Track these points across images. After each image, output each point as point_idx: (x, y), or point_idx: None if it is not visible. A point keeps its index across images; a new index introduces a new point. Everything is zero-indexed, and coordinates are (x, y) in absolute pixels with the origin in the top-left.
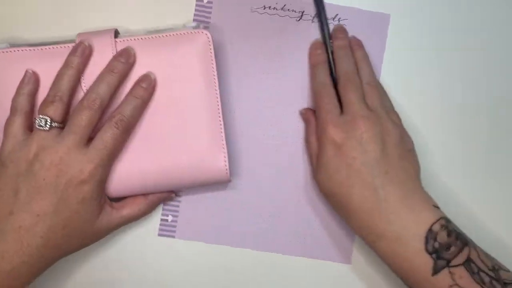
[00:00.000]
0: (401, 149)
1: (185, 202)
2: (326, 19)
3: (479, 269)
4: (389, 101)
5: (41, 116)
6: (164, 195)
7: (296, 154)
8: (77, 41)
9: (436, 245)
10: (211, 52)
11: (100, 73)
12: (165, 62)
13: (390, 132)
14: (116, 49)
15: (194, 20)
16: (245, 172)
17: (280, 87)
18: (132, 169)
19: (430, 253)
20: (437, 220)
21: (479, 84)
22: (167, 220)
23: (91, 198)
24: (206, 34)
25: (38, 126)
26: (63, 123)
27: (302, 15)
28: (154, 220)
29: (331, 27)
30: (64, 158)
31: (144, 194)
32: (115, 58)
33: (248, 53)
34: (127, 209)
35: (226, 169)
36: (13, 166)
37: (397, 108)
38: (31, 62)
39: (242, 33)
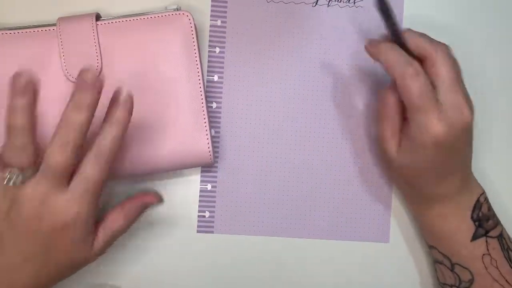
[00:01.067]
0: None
1: (221, 197)
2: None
3: (508, 247)
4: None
5: (9, 173)
6: (141, 203)
7: (317, 139)
8: (57, 26)
9: (480, 214)
10: (192, 34)
11: (65, 115)
12: (146, 44)
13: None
14: (97, 33)
15: (212, 10)
16: (271, 162)
17: (292, 72)
18: (118, 154)
19: (474, 221)
20: (482, 193)
21: None
22: (204, 216)
23: (80, 238)
24: (187, 15)
25: (8, 183)
26: (35, 164)
27: (317, 1)
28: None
29: (346, 10)
30: (44, 204)
31: (120, 204)
32: (78, 90)
33: (262, 40)
34: (107, 228)
35: (209, 152)
36: None
37: None
38: (11, 45)
39: (258, 22)
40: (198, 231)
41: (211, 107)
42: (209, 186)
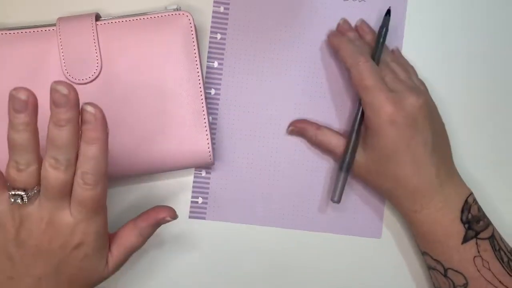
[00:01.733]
0: (441, 122)
1: (215, 184)
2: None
3: (500, 248)
4: (416, 73)
5: (14, 192)
6: (154, 219)
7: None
8: (57, 26)
9: (469, 216)
10: (192, 34)
11: (48, 135)
12: (146, 45)
13: (432, 105)
14: (97, 33)
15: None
16: (267, 151)
17: (290, 61)
18: (117, 153)
19: (463, 223)
20: (470, 194)
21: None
22: (197, 202)
23: (93, 254)
24: (187, 15)
25: (15, 203)
26: (39, 184)
27: None
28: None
29: (349, 3)
30: (50, 224)
31: (134, 221)
32: (54, 110)
33: (264, 28)
34: (117, 246)
35: (209, 152)
36: (0, 231)
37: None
38: (11, 45)
39: (260, 10)
40: (190, 217)
41: (210, 93)
42: (203, 173)
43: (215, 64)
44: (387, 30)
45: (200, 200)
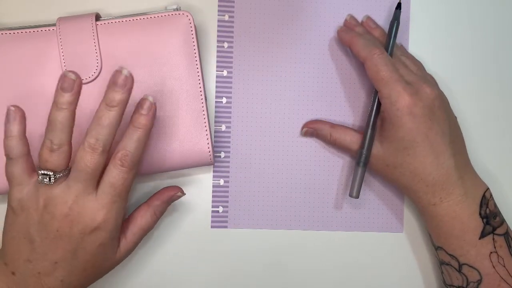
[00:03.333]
0: (454, 116)
1: (233, 191)
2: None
3: None
4: (424, 68)
5: (43, 171)
6: (166, 196)
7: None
8: (57, 26)
9: (487, 211)
10: (192, 34)
11: (96, 115)
12: (146, 44)
13: (444, 98)
14: (97, 33)
15: (219, 5)
16: (282, 155)
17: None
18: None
19: (482, 217)
20: (487, 189)
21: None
22: (218, 212)
23: (108, 242)
24: (187, 15)
25: (42, 182)
26: (67, 168)
27: None
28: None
29: (353, 2)
30: (74, 208)
31: (147, 202)
32: (110, 88)
33: (270, 33)
34: (133, 226)
35: (209, 152)
36: (24, 215)
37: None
38: (11, 45)
39: (265, 16)
40: (212, 227)
41: (221, 102)
42: (221, 181)
43: (224, 73)
44: (398, 23)
45: (220, 209)
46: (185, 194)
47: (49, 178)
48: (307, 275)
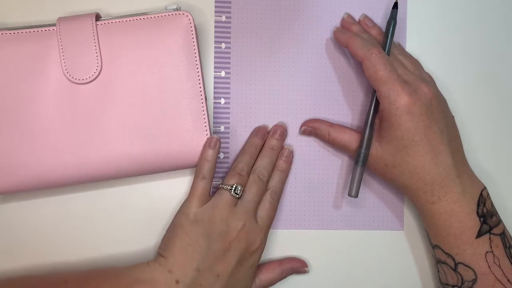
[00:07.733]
0: (451, 115)
1: None
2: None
3: (510, 245)
4: (422, 66)
5: (235, 185)
6: (296, 265)
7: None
8: (57, 26)
9: (485, 210)
10: (192, 34)
11: (262, 151)
12: (146, 44)
13: (442, 96)
14: (97, 33)
15: (216, 6)
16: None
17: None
18: (119, 153)
19: (479, 216)
20: (484, 188)
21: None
22: None
23: (255, 265)
24: (187, 15)
25: (234, 193)
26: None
27: None
28: None
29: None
30: (245, 227)
31: (280, 261)
32: (272, 136)
33: (267, 34)
34: (264, 274)
35: None
36: (204, 226)
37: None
38: (11, 45)
39: (262, 16)
40: None
41: (219, 103)
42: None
43: (222, 74)
44: (395, 22)
45: None
46: (308, 272)
47: (239, 190)
48: (307, 274)
